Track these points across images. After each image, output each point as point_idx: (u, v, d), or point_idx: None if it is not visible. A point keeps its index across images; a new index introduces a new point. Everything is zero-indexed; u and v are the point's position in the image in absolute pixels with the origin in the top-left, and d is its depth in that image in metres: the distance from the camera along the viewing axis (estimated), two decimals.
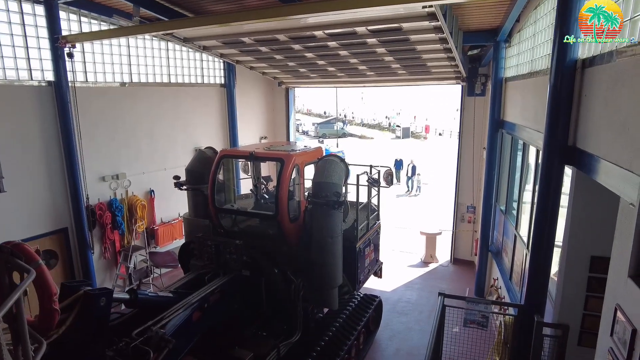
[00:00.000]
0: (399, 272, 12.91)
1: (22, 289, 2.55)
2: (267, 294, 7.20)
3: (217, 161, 7.61)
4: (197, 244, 7.21)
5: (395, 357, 8.79)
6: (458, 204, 13.31)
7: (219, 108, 13.68)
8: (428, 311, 10.63)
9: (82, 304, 4.29)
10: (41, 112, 9.08)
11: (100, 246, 10.60)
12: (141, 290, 5.48)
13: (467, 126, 12.71)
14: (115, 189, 10.78)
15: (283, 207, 6.96)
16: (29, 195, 8.97)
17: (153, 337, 4.74)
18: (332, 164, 6.94)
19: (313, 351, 7.15)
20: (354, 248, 7.49)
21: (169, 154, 11.96)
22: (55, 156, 9.38)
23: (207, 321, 6.11)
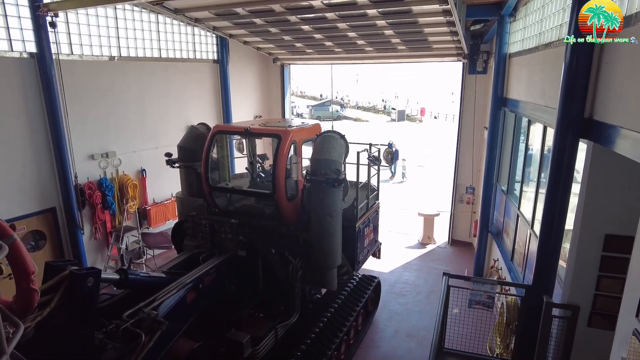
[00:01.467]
0: (397, 253, 12.78)
1: None
2: (264, 275, 6.98)
3: (210, 137, 7.27)
4: (190, 223, 6.92)
5: (394, 338, 8.67)
6: (457, 185, 13.11)
7: (212, 85, 13.22)
8: (426, 292, 10.53)
9: (67, 285, 4.02)
10: (24, 86, 8.62)
11: (90, 227, 10.28)
12: (132, 270, 5.19)
13: (468, 105, 12.41)
14: (105, 168, 10.41)
15: (280, 185, 6.67)
16: (14, 172, 8.59)
17: (145, 318, 4.48)
18: (332, 140, 6.63)
19: (311, 332, 6.99)
20: (353, 228, 7.25)
21: (161, 132, 11.55)
22: (41, 132, 8.97)
23: (201, 302, 5.88)
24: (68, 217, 9.55)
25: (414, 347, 8.42)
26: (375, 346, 8.45)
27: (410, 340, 8.62)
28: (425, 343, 8.47)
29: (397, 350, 8.34)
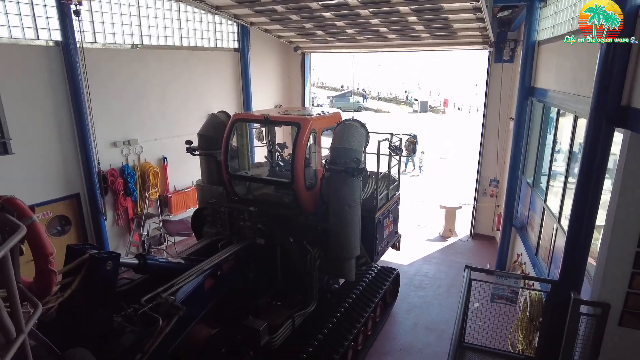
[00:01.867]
0: (417, 246, 12.59)
1: (9, 246, 2.25)
2: (282, 264, 6.96)
3: (230, 125, 7.24)
4: (210, 210, 6.95)
5: (412, 331, 8.55)
6: (480, 177, 12.78)
7: (233, 74, 13.21)
8: (446, 285, 10.35)
9: (87, 268, 4.06)
10: (50, 74, 8.77)
11: (113, 213, 10.47)
12: (150, 255, 5.22)
13: (493, 95, 12.03)
14: (127, 155, 10.55)
15: (299, 174, 6.59)
16: (40, 158, 8.79)
17: (162, 304, 4.51)
18: (352, 129, 6.50)
19: (329, 322, 6.94)
20: (372, 218, 7.13)
21: (182, 121, 11.62)
22: (66, 119, 9.13)
23: (219, 289, 5.90)
24: (91, 203, 9.75)
25: (432, 340, 8.29)
26: (393, 338, 8.36)
27: (429, 334, 8.48)
28: (444, 337, 8.33)
29: (416, 343, 8.22)
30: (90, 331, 4.01)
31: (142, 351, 4.00)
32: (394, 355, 7.88)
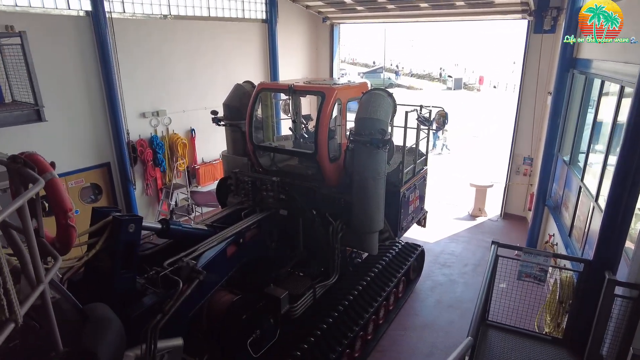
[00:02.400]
0: (444, 223, 12.34)
1: (26, 197, 2.27)
2: (304, 235, 6.94)
3: (255, 94, 7.16)
4: (234, 180, 6.99)
5: (435, 308, 8.45)
6: (514, 155, 12.27)
7: (260, 45, 13.06)
8: (473, 264, 10.13)
9: (111, 229, 4.15)
10: (80, 44, 8.92)
11: (142, 182, 10.73)
12: (173, 220, 5.29)
13: (531, 68, 11.37)
14: (156, 126, 10.71)
15: (323, 145, 6.48)
16: (72, 127, 9.05)
17: (184, 267, 4.58)
18: (378, 99, 6.28)
19: (350, 295, 6.92)
20: (397, 192, 6.96)
21: (209, 93, 11.65)
22: (96, 89, 9.31)
23: (241, 257, 5.95)
24: (121, 173, 10.01)
25: (455, 318, 8.17)
26: (415, 314, 8.29)
27: (452, 312, 8.36)
28: (467, 315, 8.16)
29: (438, 320, 8.13)
30: (113, 290, 4.12)
31: (163, 312, 4.08)
32: (416, 330, 7.83)
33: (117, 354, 2.76)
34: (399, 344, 7.53)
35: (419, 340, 7.64)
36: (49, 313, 2.44)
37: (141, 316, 4.09)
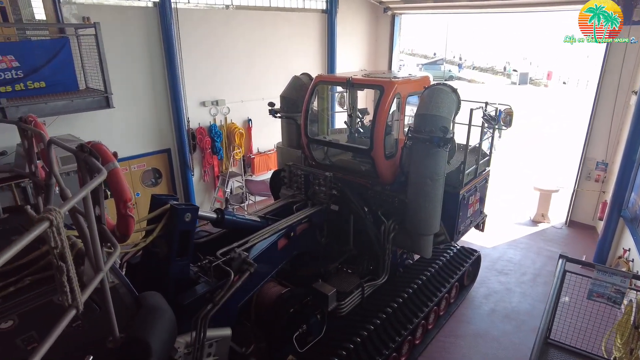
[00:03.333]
0: (503, 228, 11.67)
1: (90, 187, 2.33)
2: (355, 232, 6.80)
3: (312, 87, 7.07)
4: (287, 173, 6.97)
5: (489, 317, 8.02)
6: (585, 159, 11.29)
7: (319, 36, 12.95)
8: (532, 274, 9.50)
9: (168, 217, 4.25)
10: (147, 34, 9.29)
11: (200, 169, 11.09)
12: (228, 210, 5.35)
13: (613, 65, 10.33)
14: (215, 115, 10.99)
15: (379, 141, 6.26)
16: (136, 114, 9.49)
17: (236, 258, 4.61)
18: (442, 94, 5.94)
19: (399, 297, 6.70)
20: (456, 194, 6.60)
21: (267, 83, 11.76)
22: (160, 78, 9.68)
23: (292, 250, 5.93)
24: (180, 159, 10.40)
25: (511, 330, 7.70)
26: (467, 322, 7.91)
27: (507, 323, 7.89)
28: (524, 328, 7.70)
29: (492, 330, 7.71)
30: (168, 277, 4.23)
31: (214, 302, 4.13)
32: (467, 339, 7.47)
33: (168, 343, 2.79)
34: (449, 351, 7.22)
35: (469, 349, 7.29)
36: (107, 299, 2.50)
37: (193, 304, 4.16)
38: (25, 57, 6.96)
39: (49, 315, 2.83)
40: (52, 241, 1.91)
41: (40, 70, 7.13)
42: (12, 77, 6.88)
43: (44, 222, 1.86)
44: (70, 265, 2.04)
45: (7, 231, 4.08)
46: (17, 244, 1.68)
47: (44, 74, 7.17)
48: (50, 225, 1.88)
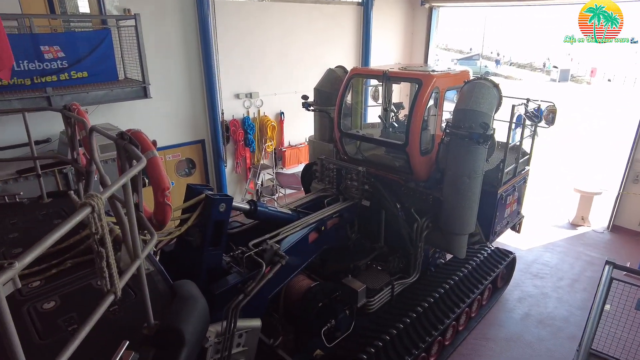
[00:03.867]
0: (540, 230, 11.22)
1: (129, 175, 2.34)
2: (386, 229, 6.69)
3: (347, 80, 6.97)
4: (319, 166, 6.92)
5: (523, 322, 7.73)
6: (633, 160, 10.68)
7: (354, 29, 12.79)
8: (570, 279, 9.09)
9: (203, 206, 4.28)
10: (184, 25, 9.41)
11: (232, 161, 11.21)
12: (261, 202, 5.37)
13: None
14: (248, 108, 11.06)
15: (414, 136, 6.10)
16: (172, 104, 9.66)
17: (268, 250, 4.62)
18: (483, 89, 5.71)
19: (430, 296, 6.55)
20: (494, 194, 6.36)
21: (300, 76, 11.72)
22: (196, 70, 9.81)
23: (322, 244, 5.89)
24: (214, 150, 10.54)
25: (545, 336, 7.40)
26: (499, 325, 7.66)
27: (542, 328, 7.59)
28: (560, 335, 7.39)
29: (525, 334, 7.43)
30: (201, 265, 4.27)
31: (245, 292, 4.14)
32: (499, 343, 7.24)
33: (201, 333, 2.81)
34: (479, 354, 7.02)
35: (501, 353, 7.06)
36: (144, 287, 2.52)
37: (224, 294, 4.19)
38: (69, 47, 7.18)
39: (88, 298, 2.90)
40: (93, 227, 1.93)
41: (83, 61, 7.34)
42: (58, 67, 7.12)
43: (86, 207, 1.88)
44: (109, 251, 2.06)
45: (50, 215, 4.22)
46: (61, 227, 1.70)
47: (86, 64, 7.38)
48: (92, 211, 1.90)
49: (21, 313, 2.72)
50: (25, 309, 2.76)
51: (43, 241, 1.62)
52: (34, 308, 2.78)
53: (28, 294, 2.92)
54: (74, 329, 2.60)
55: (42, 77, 6.98)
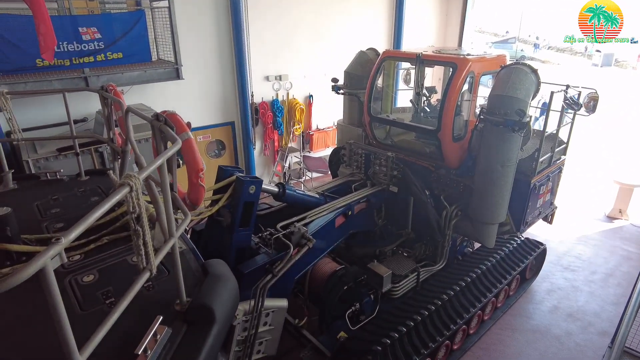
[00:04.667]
0: (573, 222, 10.84)
1: (165, 156, 2.40)
2: (414, 215, 6.63)
3: (378, 62, 6.85)
4: (347, 151, 6.89)
5: (551, 314, 7.57)
6: None
7: (386, 10, 12.48)
8: (603, 273, 8.79)
9: (233, 188, 4.36)
10: (216, 6, 9.41)
11: (261, 143, 11.30)
12: (289, 186, 5.42)
13: None
14: (278, 90, 11.06)
15: (447, 121, 5.96)
16: (203, 86, 9.77)
17: (295, 232, 4.68)
18: (520, 74, 5.49)
19: (456, 285, 6.48)
20: (527, 183, 6.18)
21: (330, 59, 11.59)
22: (227, 51, 9.85)
23: (348, 229, 5.91)
24: (244, 132, 10.64)
25: (575, 330, 7.22)
26: (526, 316, 7.53)
27: (571, 322, 7.40)
28: (590, 330, 7.19)
29: (553, 328, 7.28)
30: (230, 245, 4.37)
31: (272, 273, 4.23)
32: (525, 334, 7.12)
33: (231, 311, 2.89)
34: (504, 344, 6.93)
35: (527, 345, 6.94)
36: (177, 264, 2.60)
37: (253, 273, 4.29)
38: (105, 29, 7.34)
39: (124, 273, 3.02)
40: (130, 206, 1.99)
41: (118, 42, 7.50)
42: (95, 48, 7.30)
43: (124, 187, 1.94)
44: (146, 229, 2.13)
45: (88, 192, 4.39)
46: (102, 206, 1.77)
47: (121, 45, 7.53)
48: (130, 190, 1.96)
49: (64, 285, 2.86)
50: (67, 281, 2.90)
51: (86, 218, 1.69)
52: (75, 280, 2.92)
53: (69, 267, 3.07)
54: (111, 302, 2.72)
55: (80, 58, 7.18)
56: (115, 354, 2.30)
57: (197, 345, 2.43)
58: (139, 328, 2.38)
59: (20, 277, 1.39)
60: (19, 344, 2.40)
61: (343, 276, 5.66)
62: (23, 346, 2.38)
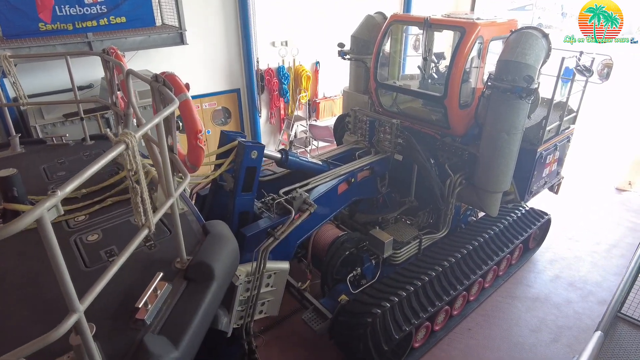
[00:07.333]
0: (581, 193, 10.77)
1: (162, 115, 2.41)
2: (417, 183, 6.63)
3: (386, 26, 6.68)
4: (352, 118, 6.83)
5: (552, 283, 7.65)
6: None
7: None
8: (608, 244, 8.79)
9: (236, 152, 4.39)
10: None
11: (267, 111, 11.24)
12: (292, 152, 5.44)
13: None
14: (284, 56, 10.88)
15: (454, 88, 5.85)
16: (209, 52, 9.65)
17: (297, 198, 4.72)
18: (530, 39, 5.32)
19: (458, 252, 6.54)
20: (533, 152, 6.11)
21: (338, 25, 11.29)
22: (232, 16, 9.65)
23: (351, 196, 5.94)
24: (249, 100, 10.57)
25: (575, 298, 7.32)
26: (527, 285, 7.63)
27: (572, 291, 7.49)
28: (590, 299, 7.28)
29: (552, 296, 7.37)
30: (233, 209, 4.44)
31: (274, 236, 4.31)
32: (525, 302, 7.24)
33: (230, 270, 2.96)
34: (503, 311, 7.06)
35: (526, 311, 7.07)
36: (177, 223, 2.66)
37: (255, 236, 4.37)
38: None
39: (126, 233, 3.11)
40: (127, 163, 2.03)
41: (121, 5, 7.39)
42: (97, 12, 7.22)
43: (120, 144, 1.96)
44: (144, 187, 2.17)
45: (93, 156, 4.46)
46: (97, 162, 1.81)
47: (124, 8, 7.43)
48: (126, 147, 1.98)
49: (69, 243, 2.95)
50: (72, 240, 3.00)
51: (81, 173, 1.73)
52: (80, 239, 3.01)
53: (75, 226, 3.16)
54: (114, 259, 2.81)
55: (83, 22, 7.11)
56: (117, 307, 2.40)
57: (196, 300, 2.52)
58: (141, 284, 2.47)
59: (18, 225, 1.45)
60: (27, 297, 2.52)
61: (346, 241, 5.74)
62: (30, 300, 2.49)
